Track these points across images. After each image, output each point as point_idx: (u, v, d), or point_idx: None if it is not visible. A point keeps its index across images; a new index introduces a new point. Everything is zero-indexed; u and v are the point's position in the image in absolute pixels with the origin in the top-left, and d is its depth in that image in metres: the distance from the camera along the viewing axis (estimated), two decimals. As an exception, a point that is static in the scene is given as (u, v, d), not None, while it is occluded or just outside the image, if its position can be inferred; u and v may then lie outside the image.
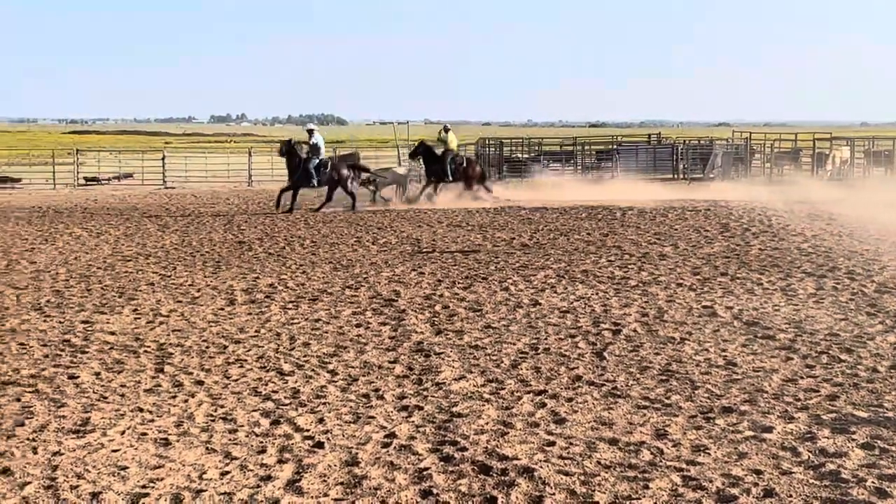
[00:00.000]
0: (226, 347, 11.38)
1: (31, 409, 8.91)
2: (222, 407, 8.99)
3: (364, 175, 30.68)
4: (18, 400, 9.19)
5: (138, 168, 45.42)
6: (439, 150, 31.78)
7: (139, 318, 13.04)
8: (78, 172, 44.44)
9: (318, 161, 29.21)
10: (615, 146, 49.93)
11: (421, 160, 32.66)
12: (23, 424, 8.44)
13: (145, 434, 8.18)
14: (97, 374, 10.15)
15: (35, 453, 7.70)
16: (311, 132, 29.89)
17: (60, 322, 12.77)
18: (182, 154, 56.67)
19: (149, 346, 11.39)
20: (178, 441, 8.01)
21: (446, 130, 32.24)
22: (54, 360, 10.76)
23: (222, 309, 13.72)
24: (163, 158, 45.40)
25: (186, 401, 9.19)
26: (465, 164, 32.09)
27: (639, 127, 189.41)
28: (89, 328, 12.41)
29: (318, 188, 29.65)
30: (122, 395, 9.36)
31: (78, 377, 10.00)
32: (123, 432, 8.23)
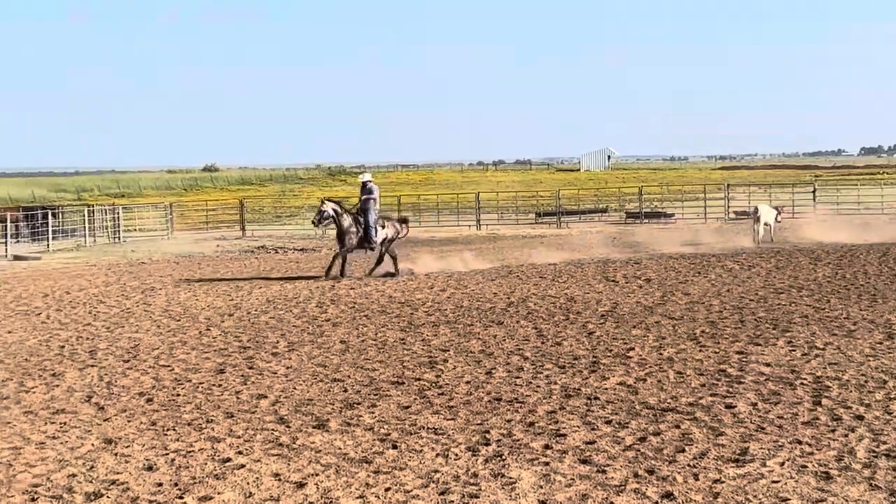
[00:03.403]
0: (885, 382, 10.85)
1: (691, 436, 9.09)
2: (885, 443, 8.54)
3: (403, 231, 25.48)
4: (678, 427, 9.43)
5: (788, 201, 45.14)
6: None
7: (794, 350, 12.86)
8: (728, 207, 45.22)
9: (375, 216, 24.28)
10: None
11: None
12: (683, 451, 8.65)
13: (805, 467, 8.00)
14: (754, 404, 10.13)
15: (696, 479, 7.83)
16: (366, 183, 24.94)
17: (715, 352, 12.96)
18: (833, 186, 55.54)
19: (805, 379, 11.18)
20: (839, 475, 7.74)
21: None
22: (711, 388, 10.92)
23: (880, 343, 13.12)
24: (813, 191, 44.85)
25: (846, 435, 8.86)
26: None
27: None
28: (744, 359, 12.45)
29: (372, 249, 24.61)
30: (780, 427, 9.25)
31: (735, 407, 10.05)
32: (783, 464, 8.11)
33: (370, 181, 25.06)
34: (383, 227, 24.60)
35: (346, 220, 24.08)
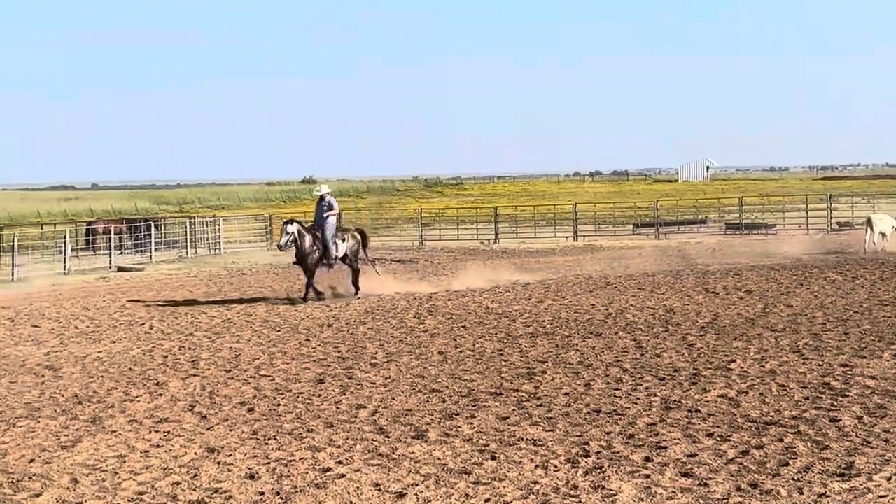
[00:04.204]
0: None
1: (794, 449, 8.93)
2: None
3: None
4: (781, 440, 9.26)
5: (891, 212, 44.05)
6: None
7: (901, 363, 12.57)
8: (831, 218, 44.35)
9: (333, 232, 22.90)
10: None
11: None
12: (786, 465, 8.49)
13: (914, 483, 7.81)
14: (859, 418, 9.92)
15: (801, 493, 7.69)
16: (324, 197, 23.12)
17: (819, 365, 12.71)
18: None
19: (913, 392, 10.92)
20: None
21: None
22: (814, 402, 10.71)
23: None
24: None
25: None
26: None
27: None
28: (848, 372, 12.20)
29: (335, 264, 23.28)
30: (886, 441, 9.04)
31: (839, 420, 9.85)
32: (890, 478, 7.93)
33: (329, 194, 23.33)
34: (343, 240, 23.31)
35: (307, 240, 22.62)
